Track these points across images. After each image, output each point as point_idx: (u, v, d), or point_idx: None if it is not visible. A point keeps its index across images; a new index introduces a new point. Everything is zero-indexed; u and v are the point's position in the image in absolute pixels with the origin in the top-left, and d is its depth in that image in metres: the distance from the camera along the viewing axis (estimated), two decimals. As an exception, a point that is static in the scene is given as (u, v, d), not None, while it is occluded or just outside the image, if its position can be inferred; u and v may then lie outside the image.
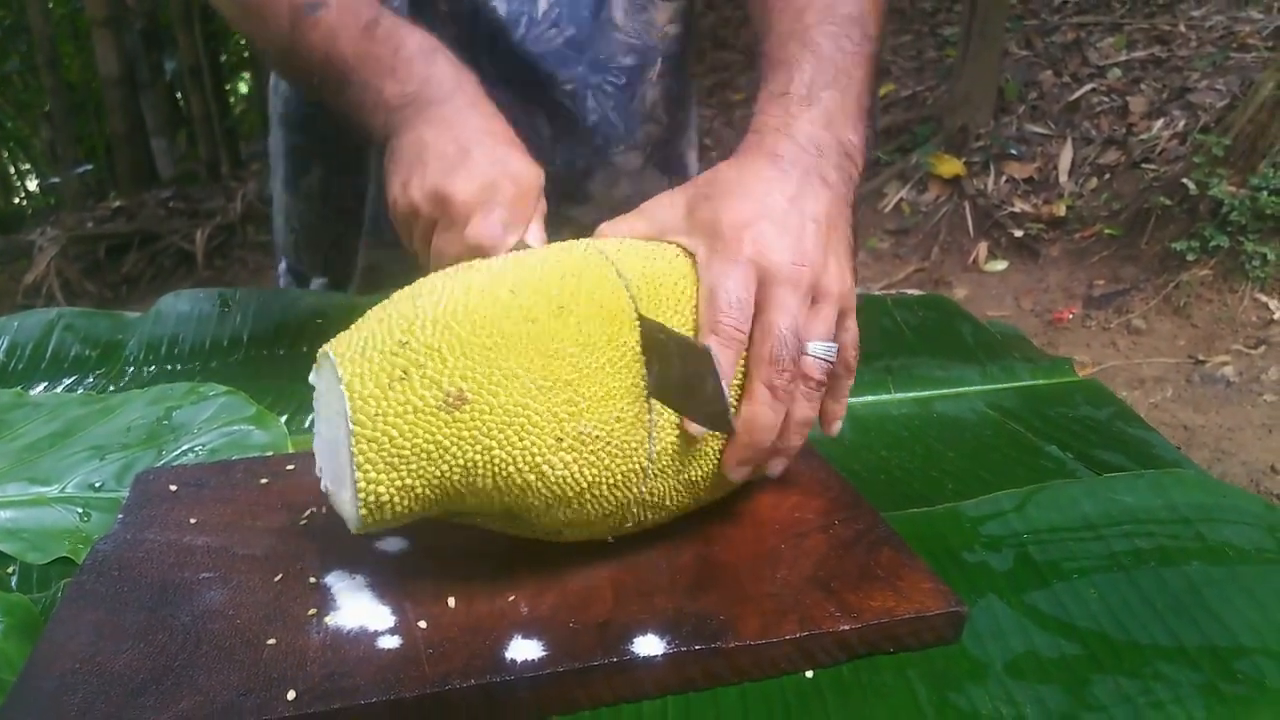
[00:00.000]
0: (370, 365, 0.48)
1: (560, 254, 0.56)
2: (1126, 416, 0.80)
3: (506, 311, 0.50)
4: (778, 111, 0.64)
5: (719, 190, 0.59)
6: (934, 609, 0.51)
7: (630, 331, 0.52)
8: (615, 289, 0.53)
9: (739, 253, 0.56)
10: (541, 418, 0.49)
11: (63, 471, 0.71)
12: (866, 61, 0.68)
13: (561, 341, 0.50)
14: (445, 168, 0.66)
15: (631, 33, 0.97)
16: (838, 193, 0.61)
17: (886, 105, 4.49)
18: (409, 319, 0.49)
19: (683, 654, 0.48)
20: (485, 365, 0.48)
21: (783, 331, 0.54)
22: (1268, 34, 3.86)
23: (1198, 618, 0.53)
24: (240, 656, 0.48)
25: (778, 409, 0.55)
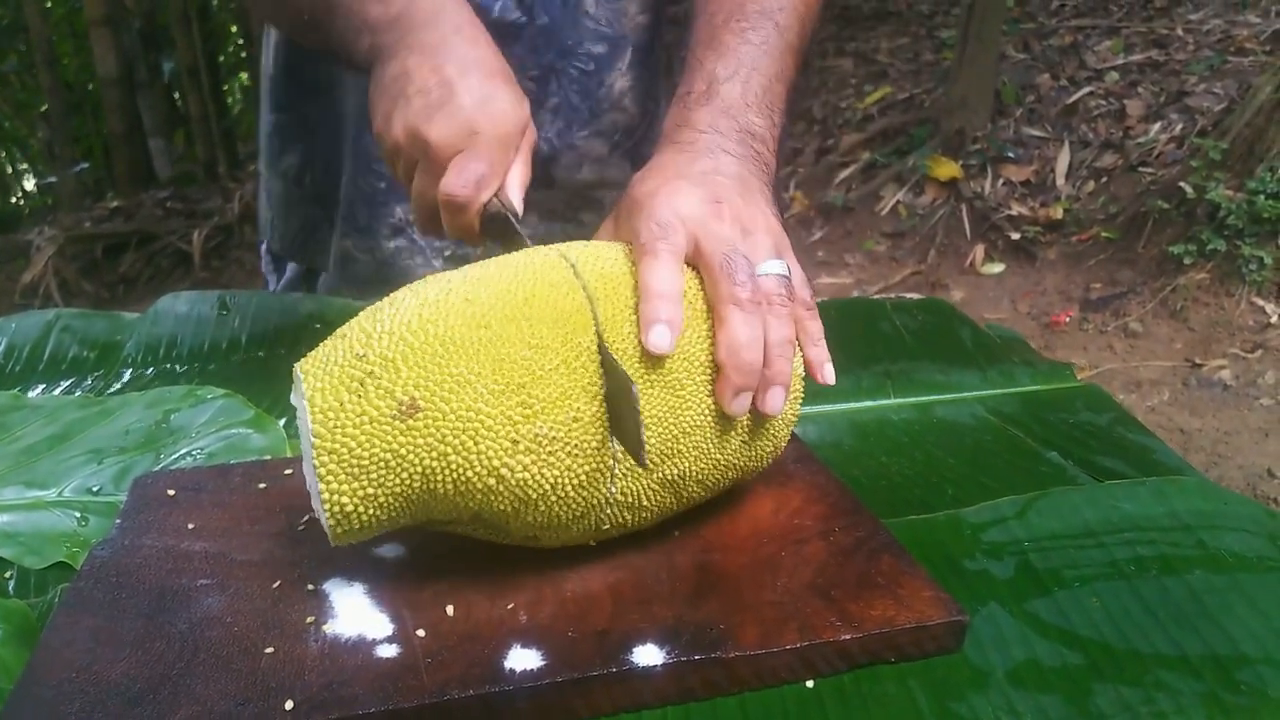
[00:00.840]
0: (330, 379, 0.49)
1: (522, 259, 0.56)
2: (1127, 422, 0.80)
3: (460, 319, 0.51)
4: (678, 111, 0.68)
5: (637, 181, 0.62)
6: (935, 618, 0.51)
7: (585, 332, 0.52)
8: (571, 290, 0.53)
9: (654, 206, 0.57)
10: (495, 421, 0.49)
11: (60, 475, 0.71)
12: (775, 53, 0.71)
13: (513, 345, 0.50)
14: (426, 105, 0.65)
15: (603, 21, 0.97)
16: (745, 161, 0.64)
17: (883, 107, 4.49)
18: (368, 333, 0.51)
19: (682, 664, 0.48)
20: (436, 372, 0.49)
21: (725, 253, 0.55)
22: (1265, 38, 3.87)
23: (1200, 626, 0.53)
24: (238, 665, 0.48)
25: (750, 322, 0.54)
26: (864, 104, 4.55)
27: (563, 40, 0.96)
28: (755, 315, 0.54)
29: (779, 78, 0.70)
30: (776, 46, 0.71)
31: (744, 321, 0.53)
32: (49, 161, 6.87)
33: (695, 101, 0.67)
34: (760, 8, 0.73)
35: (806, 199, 4.27)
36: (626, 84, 1.01)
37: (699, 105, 0.67)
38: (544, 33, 0.95)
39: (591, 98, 1.00)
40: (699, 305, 0.55)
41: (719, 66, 0.69)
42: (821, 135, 4.58)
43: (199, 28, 6.10)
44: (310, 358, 0.52)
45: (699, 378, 0.54)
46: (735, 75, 0.68)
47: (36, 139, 7.41)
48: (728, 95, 0.67)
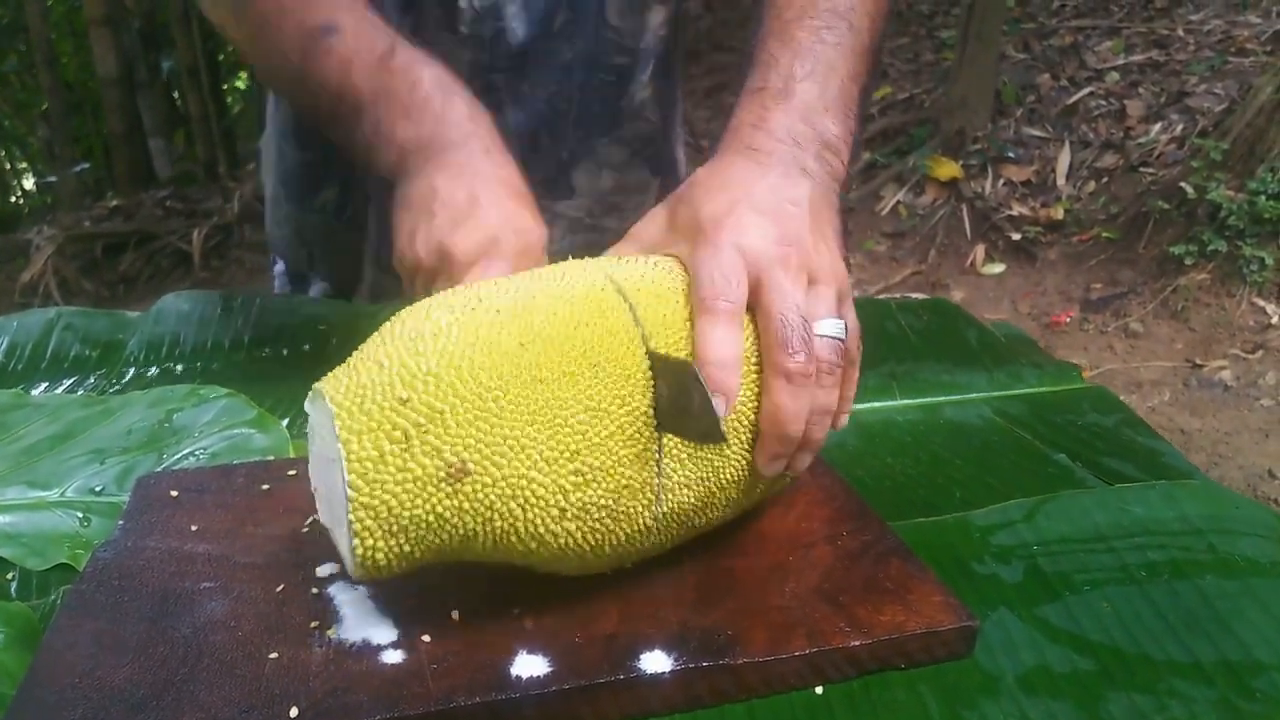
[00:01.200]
0: (369, 422, 0.45)
1: (574, 290, 0.52)
2: (1134, 424, 0.79)
3: (515, 369, 0.47)
4: (754, 107, 0.63)
5: (696, 192, 0.59)
6: (945, 623, 0.50)
7: (644, 395, 0.50)
8: (631, 341, 0.50)
9: (720, 239, 0.54)
10: (546, 490, 0.47)
11: (63, 475, 0.71)
12: (850, 53, 0.67)
13: (570, 409, 0.47)
14: (451, 220, 0.65)
15: (625, 33, 0.96)
16: (819, 182, 0.60)
17: (884, 108, 4.49)
18: (410, 371, 0.46)
19: (690, 671, 0.48)
20: (489, 434, 0.46)
21: (784, 313, 0.53)
22: (1266, 38, 3.87)
23: (1212, 632, 0.52)
24: (242, 671, 0.47)
25: (798, 395, 0.52)
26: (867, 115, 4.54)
27: (586, 52, 0.95)
28: (804, 389, 0.53)
29: (854, 79, 0.67)
30: (851, 47, 0.68)
31: (791, 396, 0.52)
32: (49, 161, 6.86)
33: (773, 99, 0.63)
34: (832, 6, 0.69)
35: (807, 199, 4.25)
36: (648, 94, 1.01)
37: (776, 104, 0.63)
38: (564, 42, 0.94)
39: (613, 107, 0.99)
40: (750, 359, 0.53)
41: (796, 64, 0.65)
42: (822, 135, 4.57)
43: (199, 27, 6.09)
44: (340, 383, 0.47)
45: (743, 436, 0.53)
46: (812, 74, 0.64)
47: (36, 138, 7.40)
48: (805, 95, 0.63)
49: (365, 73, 0.71)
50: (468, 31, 0.91)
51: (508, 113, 0.95)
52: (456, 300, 0.50)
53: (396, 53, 0.71)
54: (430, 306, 0.50)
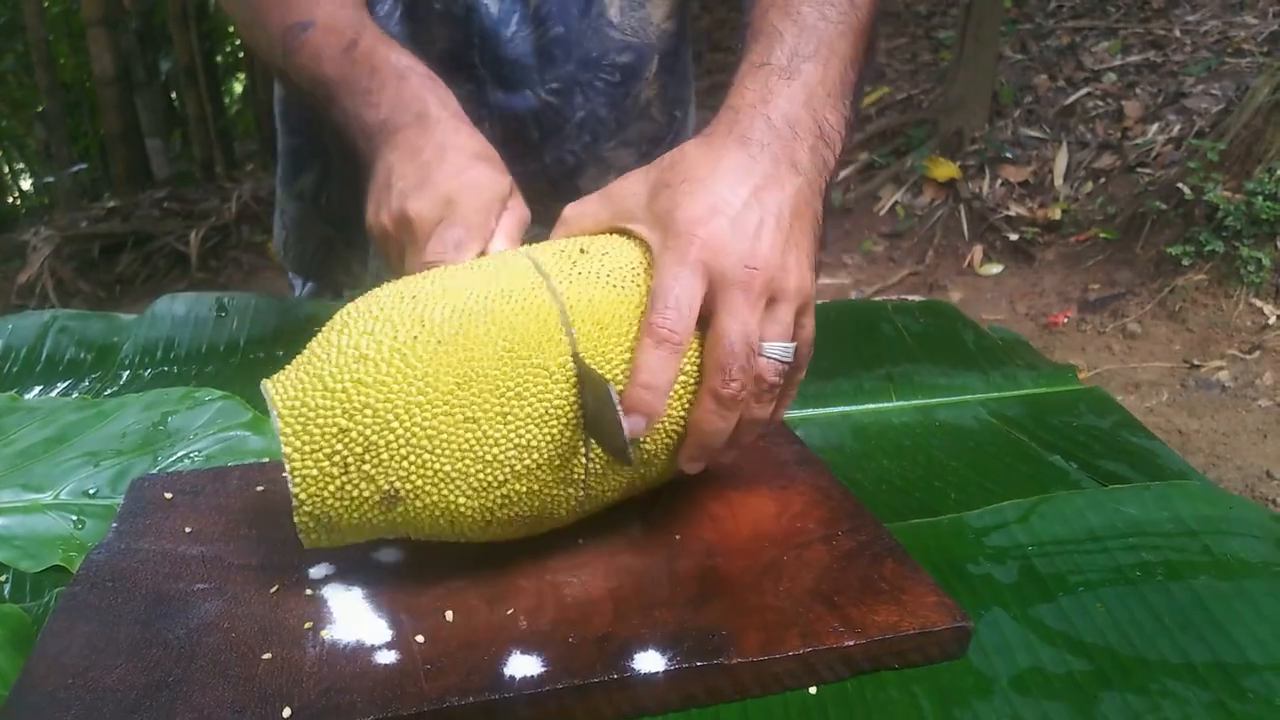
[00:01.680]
0: (311, 442, 0.49)
1: (517, 317, 0.52)
2: (1130, 426, 0.79)
3: (450, 408, 0.49)
4: (756, 85, 0.61)
5: (681, 177, 0.57)
6: (939, 624, 0.50)
7: (574, 429, 0.52)
8: (568, 380, 0.51)
9: (688, 253, 0.54)
10: (473, 511, 0.51)
11: (57, 478, 0.71)
12: (852, 34, 0.66)
13: (500, 445, 0.50)
14: (405, 189, 0.66)
15: (628, 30, 0.96)
16: (808, 179, 0.59)
17: (881, 108, 4.49)
18: (352, 402, 0.48)
19: (684, 670, 0.48)
20: (421, 468, 0.49)
21: (732, 340, 0.53)
22: (1263, 39, 3.87)
23: (1206, 633, 0.52)
24: (235, 672, 0.47)
25: (725, 416, 0.54)
26: (862, 104, 4.54)
27: (586, 51, 0.95)
28: (733, 412, 0.54)
29: (853, 63, 0.65)
30: (853, 28, 0.66)
31: (717, 414, 0.54)
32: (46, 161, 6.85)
33: (776, 79, 0.61)
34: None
35: (805, 200, 4.25)
36: (653, 92, 1.00)
37: (780, 84, 0.61)
38: (561, 43, 0.93)
39: (619, 108, 0.98)
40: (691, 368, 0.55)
41: (800, 41, 0.63)
42: (820, 136, 4.57)
43: (196, 27, 6.10)
44: (286, 391, 0.50)
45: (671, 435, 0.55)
46: (815, 55, 0.62)
47: (33, 139, 7.40)
48: (810, 78, 0.61)
49: (333, 63, 0.74)
50: (441, 9, 0.91)
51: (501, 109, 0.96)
52: (402, 318, 0.51)
53: (360, 42, 0.74)
54: (378, 315, 0.51)
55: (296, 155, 1.08)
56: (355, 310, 0.53)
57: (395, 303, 0.52)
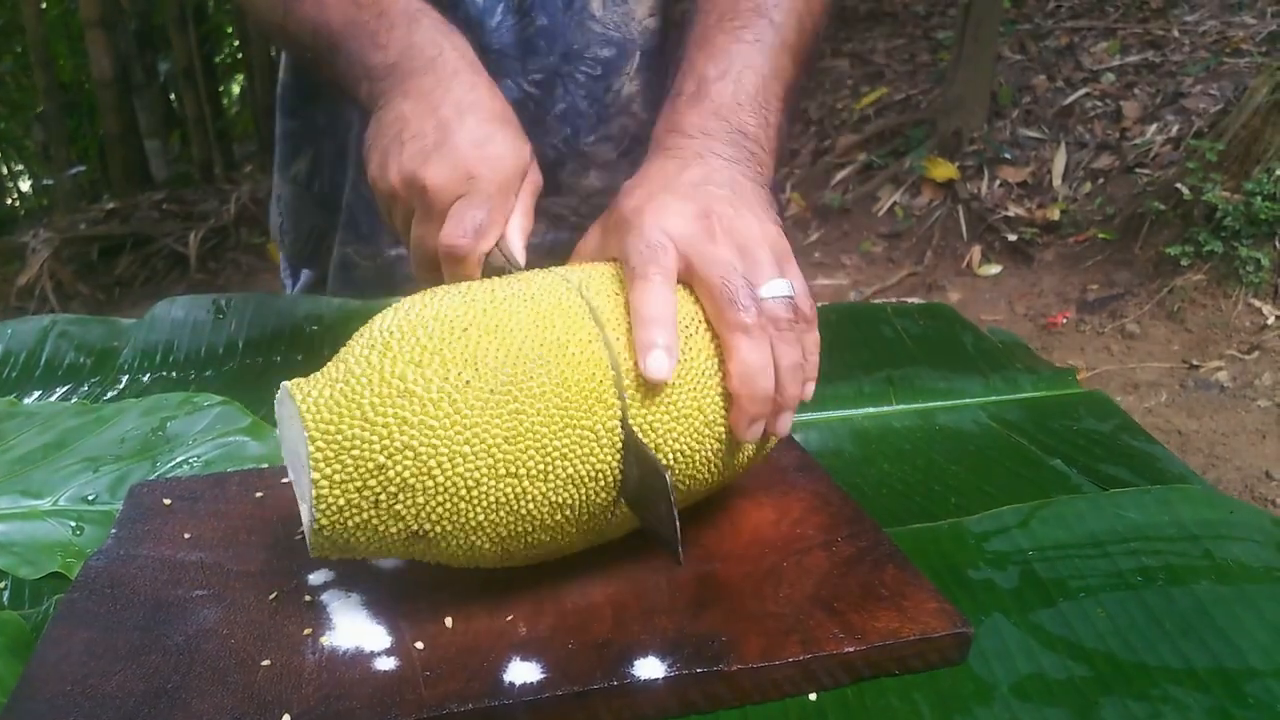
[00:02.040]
0: (344, 471, 0.47)
1: (568, 373, 0.50)
2: (1131, 429, 0.79)
3: (494, 463, 0.47)
4: (668, 113, 0.66)
5: (623, 194, 0.61)
6: (939, 630, 0.50)
7: (608, 491, 0.51)
8: (614, 447, 0.50)
9: (641, 224, 0.56)
10: (494, 553, 0.51)
11: (55, 484, 0.70)
12: (770, 50, 0.69)
13: (537, 503, 0.49)
14: (422, 149, 0.64)
15: (610, 24, 0.95)
16: (739, 164, 0.62)
17: (880, 108, 4.49)
18: (394, 440, 0.46)
19: (683, 677, 0.48)
20: (453, 514, 0.48)
21: (723, 276, 0.53)
22: (1261, 39, 3.87)
23: (1207, 639, 0.52)
24: (234, 678, 0.47)
25: (760, 348, 0.53)
26: (860, 105, 4.55)
27: (568, 44, 0.95)
28: (764, 340, 0.53)
29: (774, 75, 0.68)
30: (771, 44, 0.69)
31: (753, 348, 0.52)
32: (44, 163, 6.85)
33: (685, 103, 0.66)
34: (754, 5, 0.71)
35: (803, 200, 4.26)
36: (635, 88, 1.00)
37: (689, 107, 0.65)
38: (544, 34, 0.93)
39: (599, 103, 0.98)
40: (699, 322, 0.54)
41: (710, 66, 0.67)
42: (818, 136, 4.58)
43: (195, 29, 6.09)
44: (318, 412, 0.47)
45: (704, 401, 0.53)
46: (726, 74, 0.67)
47: (32, 140, 7.39)
48: (718, 95, 0.65)
49: (338, 9, 0.72)
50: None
51: None
52: (454, 355, 0.48)
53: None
54: (426, 346, 0.48)
55: (293, 138, 1.07)
56: (398, 329, 0.50)
57: (445, 333, 0.49)
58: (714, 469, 0.55)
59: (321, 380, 0.49)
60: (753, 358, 0.52)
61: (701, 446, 0.53)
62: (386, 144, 0.66)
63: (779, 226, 0.60)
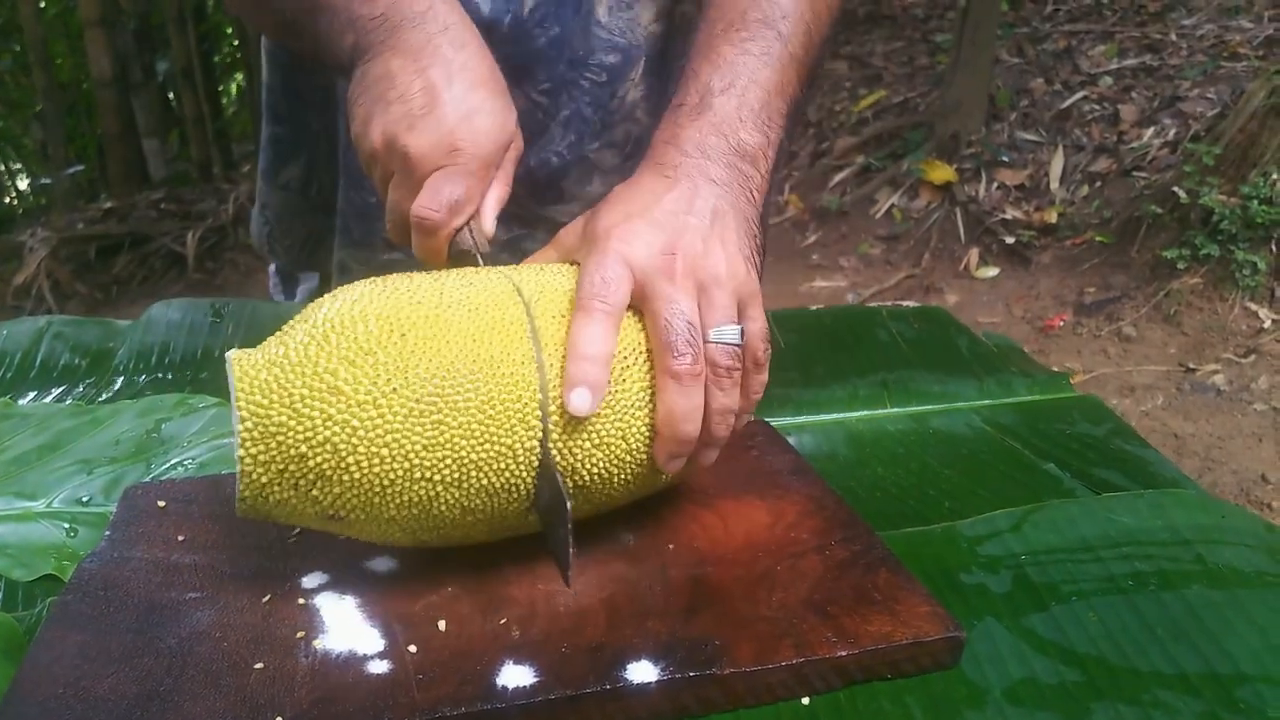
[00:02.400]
0: (267, 453, 0.49)
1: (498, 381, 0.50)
2: (1124, 434, 0.80)
3: (409, 469, 0.49)
4: (669, 124, 0.65)
5: (606, 203, 0.60)
6: (932, 634, 0.51)
7: (521, 500, 0.53)
8: (529, 468, 0.52)
9: (606, 247, 0.55)
10: (406, 538, 0.53)
11: (50, 486, 0.70)
12: (777, 64, 0.67)
13: (449, 508, 0.51)
14: (407, 113, 0.63)
15: (615, 30, 0.95)
16: (729, 189, 0.61)
17: (878, 111, 4.50)
18: (317, 435, 0.48)
19: (676, 681, 0.48)
20: (366, 506, 0.50)
21: (668, 318, 0.53)
22: (1258, 43, 3.88)
23: (1199, 643, 0.52)
24: (227, 681, 0.47)
25: (689, 395, 0.53)
26: (859, 107, 4.56)
27: (574, 51, 0.94)
28: (695, 386, 0.53)
29: (779, 91, 0.67)
30: (778, 57, 0.68)
31: (681, 394, 0.53)
32: (43, 162, 6.85)
33: (686, 115, 0.64)
34: (762, 16, 0.69)
35: (801, 202, 4.27)
36: (639, 94, 0.99)
37: (689, 120, 0.64)
38: (555, 44, 0.93)
39: (603, 109, 0.98)
40: (640, 352, 0.55)
41: (714, 78, 0.66)
42: (816, 138, 4.59)
43: (194, 28, 6.09)
44: (252, 393, 0.49)
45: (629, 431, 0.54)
46: (731, 88, 0.65)
47: (30, 139, 7.38)
48: (721, 109, 0.64)
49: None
50: None
51: None
52: (387, 358, 0.49)
53: None
54: (362, 345, 0.49)
55: (281, 144, 1.06)
56: (339, 322, 0.51)
57: (383, 334, 0.50)
58: (633, 489, 0.57)
59: (260, 358, 0.51)
60: (679, 403, 0.53)
61: (621, 471, 0.55)
62: (371, 102, 0.65)
63: (753, 262, 0.60)
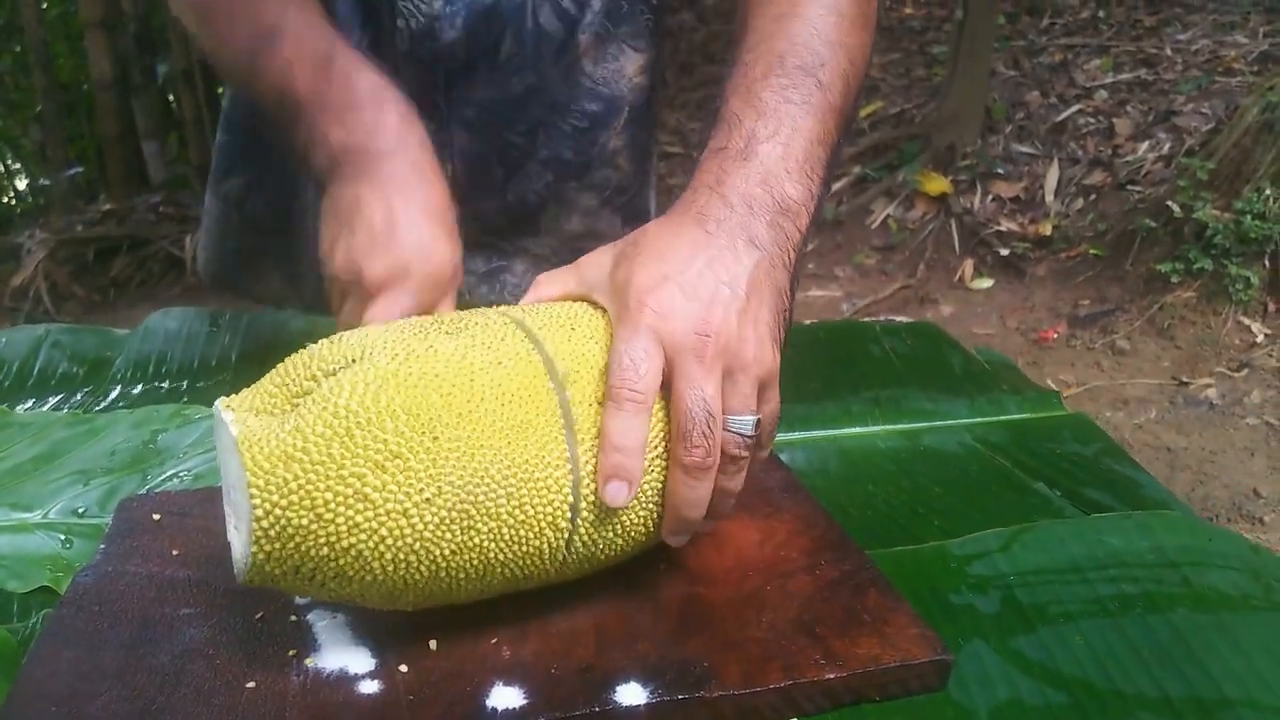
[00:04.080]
0: (284, 551, 0.46)
1: (529, 492, 0.49)
2: (1114, 453, 0.80)
3: (435, 569, 0.48)
4: (713, 168, 0.62)
5: (639, 249, 0.58)
6: (920, 657, 0.51)
7: (540, 582, 0.53)
8: (553, 564, 0.52)
9: (640, 320, 0.53)
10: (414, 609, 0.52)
11: (46, 497, 0.71)
12: (818, 112, 0.66)
13: (467, 595, 0.51)
14: (369, 240, 0.68)
15: (600, 80, 0.96)
16: (768, 253, 0.59)
17: (874, 122, 4.51)
18: (339, 530, 0.46)
19: (665, 703, 0.48)
20: (383, 598, 0.49)
21: (689, 405, 0.52)
22: (1253, 58, 3.91)
23: (1183, 667, 0.53)
24: (219, 700, 0.48)
25: (696, 486, 0.53)
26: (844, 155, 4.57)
27: (555, 97, 0.95)
28: (703, 481, 0.53)
29: (821, 140, 0.65)
30: (819, 106, 0.66)
31: (689, 487, 0.53)
32: (42, 163, 6.83)
33: (731, 162, 0.62)
34: (801, 63, 0.67)
35: (798, 212, 4.27)
36: (621, 143, 1.00)
37: (736, 167, 0.62)
38: (532, 90, 0.94)
39: (584, 154, 0.99)
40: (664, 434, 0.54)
41: (759, 125, 0.64)
42: (814, 148, 4.59)
43: (193, 32, 6.07)
44: (267, 492, 0.45)
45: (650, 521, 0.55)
46: (775, 136, 0.63)
47: (29, 140, 7.37)
48: (767, 158, 0.62)
49: (305, 77, 0.73)
50: (406, 49, 0.90)
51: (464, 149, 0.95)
52: (420, 466, 0.47)
53: (336, 58, 0.74)
54: (393, 448, 0.46)
55: (229, 153, 1.06)
56: (364, 414, 0.47)
57: (413, 433, 0.47)
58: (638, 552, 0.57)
59: (274, 447, 0.46)
60: (686, 493, 0.53)
61: (634, 548, 0.55)
62: (338, 226, 0.71)
63: (778, 341, 0.58)
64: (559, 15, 0.91)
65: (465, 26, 0.89)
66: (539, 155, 0.98)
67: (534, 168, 0.98)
